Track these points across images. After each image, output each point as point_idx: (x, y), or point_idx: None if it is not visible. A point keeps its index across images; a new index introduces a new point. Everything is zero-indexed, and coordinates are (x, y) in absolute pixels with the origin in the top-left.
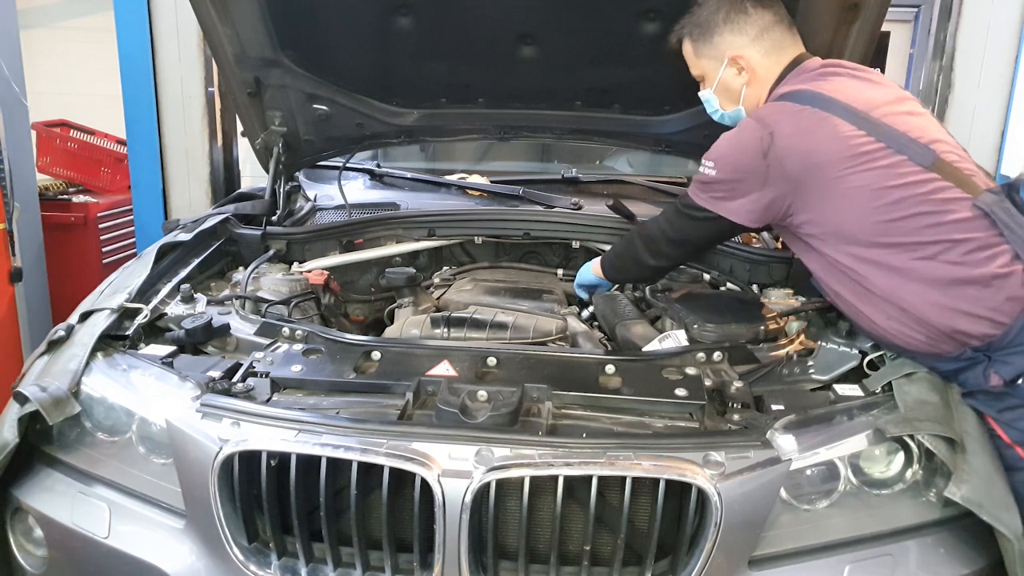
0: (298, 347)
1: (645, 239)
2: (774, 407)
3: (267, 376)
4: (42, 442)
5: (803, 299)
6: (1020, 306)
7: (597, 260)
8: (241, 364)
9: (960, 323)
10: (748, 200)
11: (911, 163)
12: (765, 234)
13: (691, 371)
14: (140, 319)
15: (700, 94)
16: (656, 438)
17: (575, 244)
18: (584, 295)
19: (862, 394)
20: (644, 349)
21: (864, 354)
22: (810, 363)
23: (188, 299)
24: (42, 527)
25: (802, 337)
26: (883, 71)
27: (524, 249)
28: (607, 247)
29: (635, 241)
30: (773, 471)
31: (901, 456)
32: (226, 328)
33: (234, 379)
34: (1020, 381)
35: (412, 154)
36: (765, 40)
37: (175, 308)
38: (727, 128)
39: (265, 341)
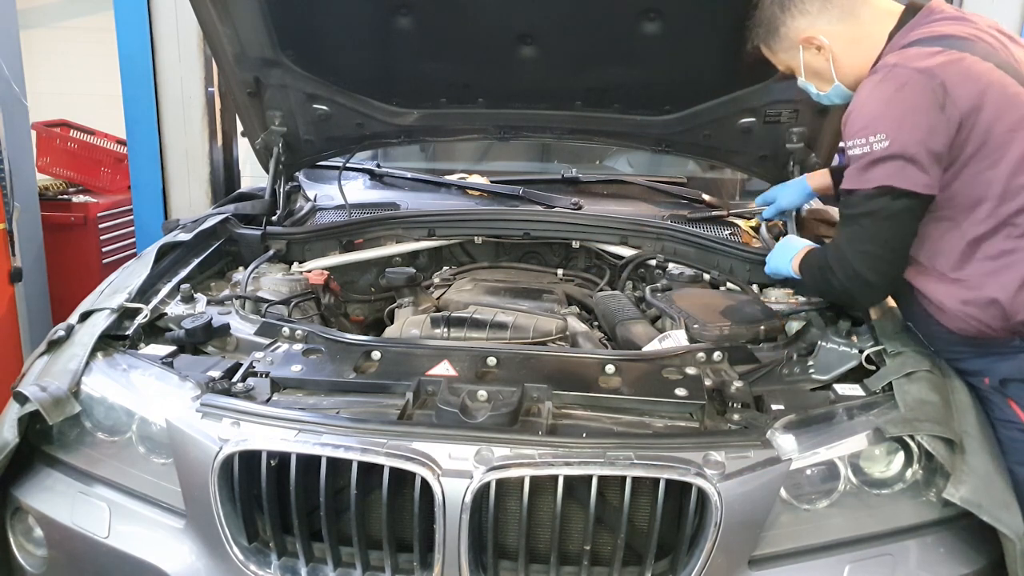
0: (298, 347)
1: (827, 268)
2: (774, 407)
3: (267, 376)
4: (42, 442)
5: (803, 299)
6: None
7: (802, 250)
8: (241, 364)
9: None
10: (932, 166)
11: None
12: (765, 234)
13: (691, 371)
14: (140, 319)
15: (798, 83)
16: (656, 438)
17: (575, 244)
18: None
19: (862, 394)
20: (644, 349)
21: (863, 352)
22: (810, 363)
23: (188, 299)
24: (42, 527)
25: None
26: None
27: (524, 249)
28: (607, 247)
29: (820, 270)
30: (773, 471)
31: (901, 456)
32: (226, 328)
33: (234, 379)
34: None
35: (412, 154)
36: (831, 11)
37: (175, 308)
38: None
39: (265, 341)
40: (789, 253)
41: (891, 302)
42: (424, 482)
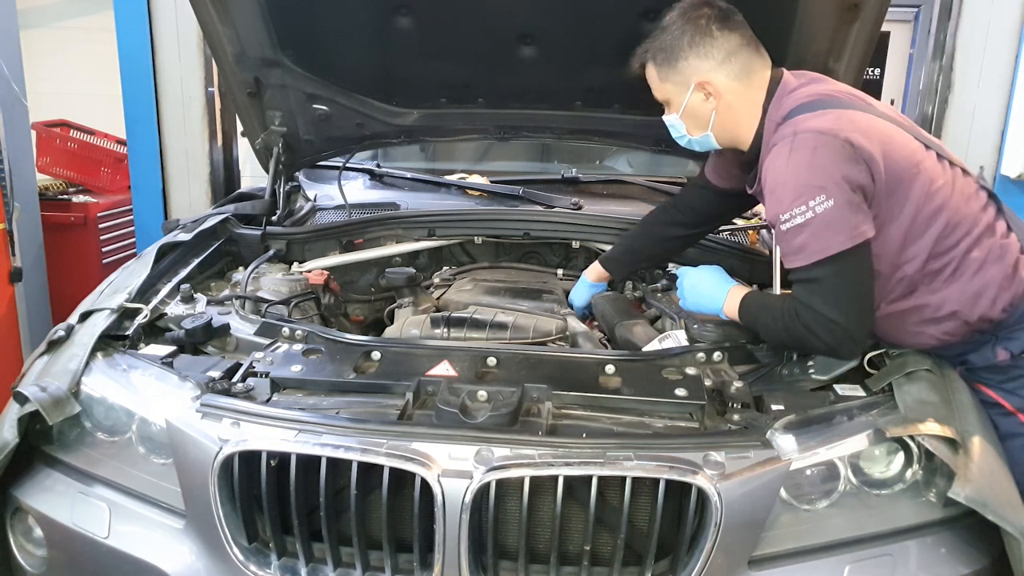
0: (298, 347)
1: (800, 327)
2: (774, 407)
3: (267, 376)
4: (42, 442)
5: None
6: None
7: (737, 293)
8: (241, 364)
9: (986, 309)
10: (868, 209)
11: (951, 167)
12: (764, 233)
13: (691, 371)
14: (140, 319)
15: (665, 118)
16: (656, 438)
17: (575, 244)
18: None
19: (862, 394)
20: (644, 349)
21: (864, 353)
22: (810, 363)
23: (188, 299)
24: (42, 527)
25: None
26: (883, 71)
27: (524, 249)
28: (607, 247)
29: (788, 330)
30: (773, 471)
31: (901, 456)
32: (226, 328)
33: (234, 379)
34: None
35: (412, 154)
36: (732, 63)
37: (175, 308)
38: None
39: (265, 341)
40: (717, 294)
41: None
42: (424, 482)
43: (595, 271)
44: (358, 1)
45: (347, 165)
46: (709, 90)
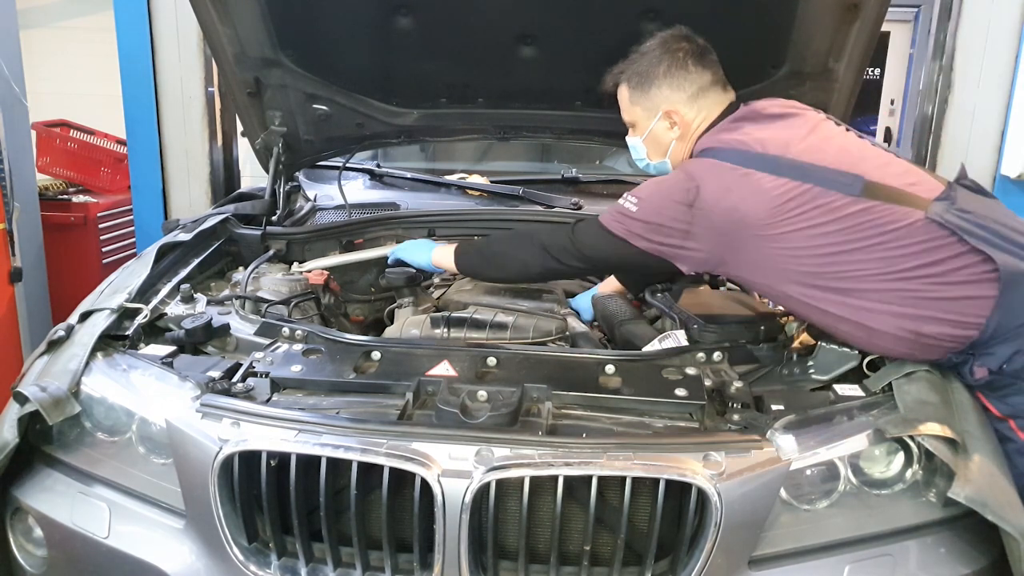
0: (298, 347)
1: (548, 245)
2: (774, 407)
3: (267, 376)
4: (42, 442)
5: None
6: (991, 304)
7: (442, 244)
8: (241, 364)
9: (930, 330)
10: (665, 246)
11: (842, 195)
12: None
13: (691, 371)
14: (140, 319)
15: (628, 139)
16: (656, 438)
17: None
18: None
19: (862, 394)
20: (644, 349)
21: (864, 354)
22: (810, 363)
23: (188, 299)
24: (42, 527)
25: (803, 336)
26: (883, 71)
27: None
28: None
29: (528, 243)
30: (773, 471)
31: (901, 456)
32: (226, 328)
33: (234, 379)
34: (1005, 366)
35: (412, 154)
36: (701, 100)
37: (175, 308)
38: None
39: (265, 341)
40: (423, 245)
41: None
42: (424, 482)
43: (611, 284)
44: (358, 1)
45: (347, 165)
46: (674, 119)
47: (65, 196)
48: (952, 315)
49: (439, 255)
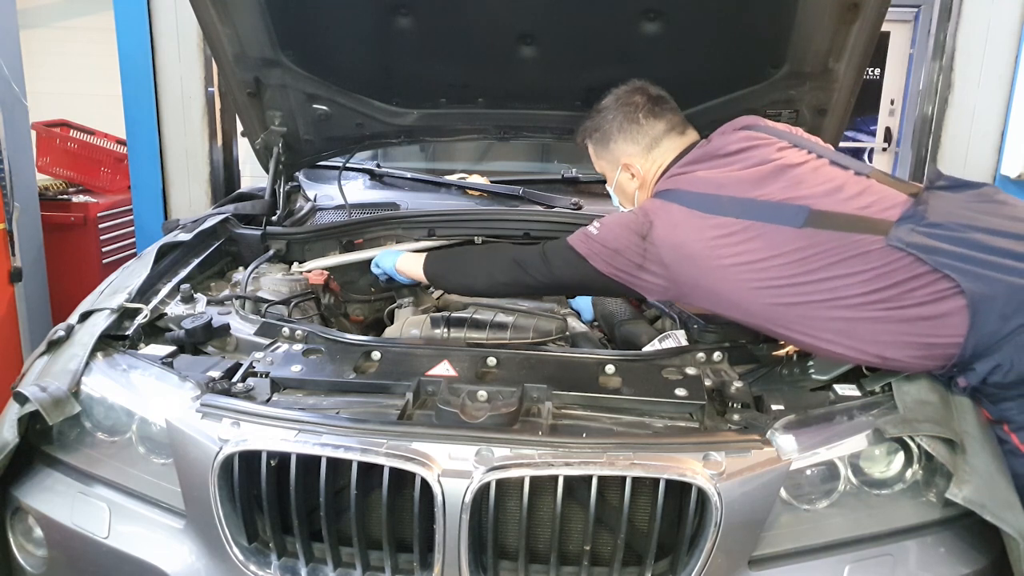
0: (298, 347)
1: (519, 258)
2: (774, 407)
3: (267, 376)
4: (42, 442)
5: None
6: (965, 324)
7: (417, 256)
8: (241, 364)
9: (895, 354)
10: (624, 273)
11: (786, 227)
12: None
13: (691, 371)
14: (140, 319)
15: (607, 187)
16: (656, 438)
17: None
18: (380, 275)
19: (862, 394)
20: (644, 349)
21: None
22: (810, 363)
23: (188, 299)
24: (42, 527)
25: None
26: (883, 71)
27: None
28: None
29: (499, 256)
30: (773, 471)
31: (901, 456)
32: (226, 328)
33: (234, 379)
34: (988, 379)
35: (412, 154)
36: (655, 150)
37: (175, 308)
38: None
39: (265, 341)
40: (398, 255)
41: None
42: (424, 482)
43: None
44: (358, 1)
45: (347, 165)
46: (633, 171)
47: (65, 196)
48: (918, 337)
49: (404, 262)
